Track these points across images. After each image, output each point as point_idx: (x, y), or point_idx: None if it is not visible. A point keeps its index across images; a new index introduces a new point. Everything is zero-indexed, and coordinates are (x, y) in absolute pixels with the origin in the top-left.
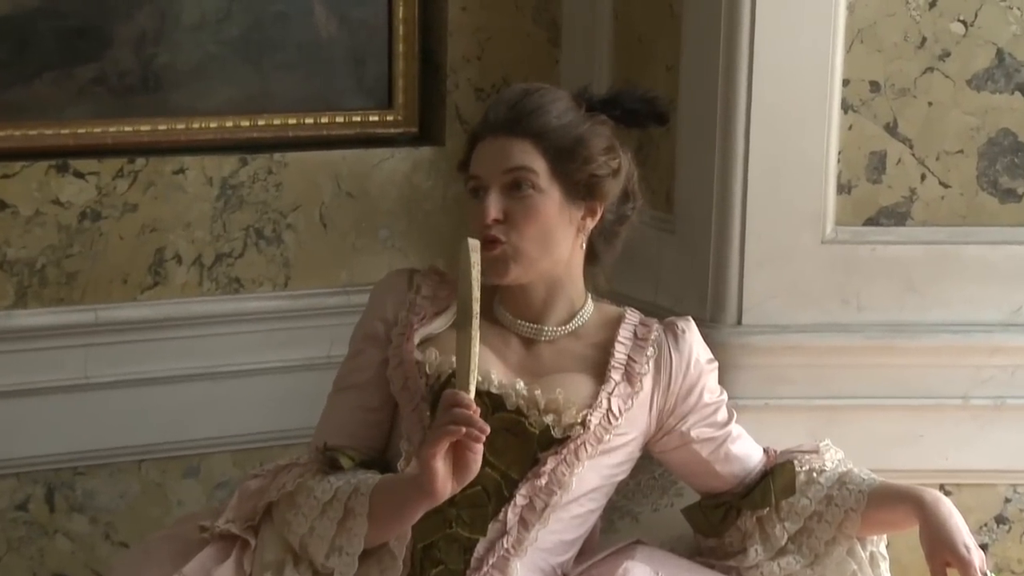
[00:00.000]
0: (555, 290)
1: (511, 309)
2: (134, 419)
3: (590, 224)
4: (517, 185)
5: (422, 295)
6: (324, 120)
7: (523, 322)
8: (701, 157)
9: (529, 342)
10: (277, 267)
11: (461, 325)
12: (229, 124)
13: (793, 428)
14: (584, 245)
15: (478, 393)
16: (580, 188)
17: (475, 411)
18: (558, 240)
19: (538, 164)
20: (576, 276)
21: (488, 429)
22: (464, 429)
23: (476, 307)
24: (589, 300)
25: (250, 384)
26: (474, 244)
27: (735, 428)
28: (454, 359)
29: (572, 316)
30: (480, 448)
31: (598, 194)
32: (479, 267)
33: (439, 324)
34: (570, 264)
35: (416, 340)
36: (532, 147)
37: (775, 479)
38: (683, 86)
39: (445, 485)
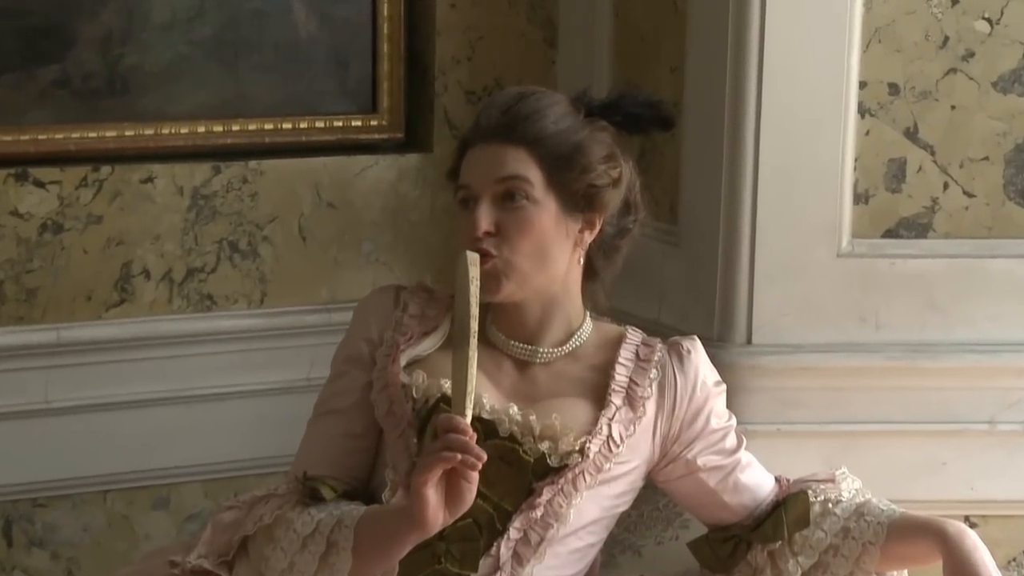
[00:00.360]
0: (551, 308)
1: (504, 329)
2: (98, 446)
3: (588, 237)
4: (510, 195)
5: (409, 313)
6: (303, 125)
7: (517, 343)
8: (708, 165)
9: (523, 364)
10: (253, 283)
11: (458, 344)
12: (201, 130)
13: (807, 455)
14: (582, 260)
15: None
16: (578, 199)
17: (471, 436)
18: (554, 254)
19: (533, 173)
20: (574, 293)
21: (485, 456)
22: (459, 456)
23: (474, 325)
24: (588, 319)
25: (224, 409)
26: (473, 257)
27: (745, 455)
28: (443, 382)
29: (569, 336)
30: (476, 477)
31: (597, 205)
32: (478, 282)
33: (427, 345)
34: (567, 280)
35: (402, 362)
36: (526, 155)
37: (788, 510)
38: (688, 88)
39: (436, 516)
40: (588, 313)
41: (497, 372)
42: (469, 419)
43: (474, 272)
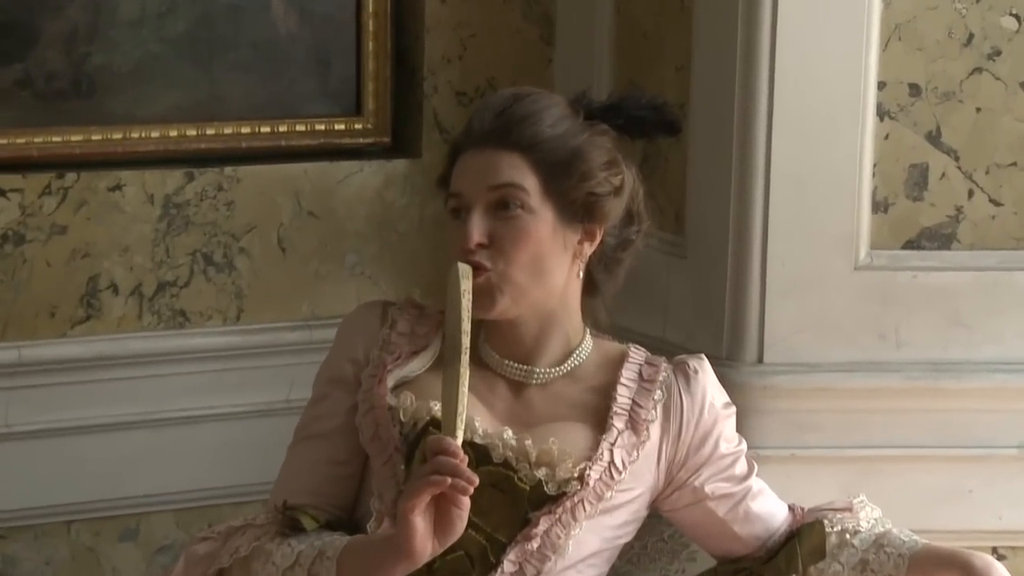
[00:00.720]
0: (548, 325)
1: (498, 348)
2: (62, 473)
3: (588, 249)
4: (504, 204)
5: (397, 331)
6: (283, 129)
7: (511, 363)
8: (716, 171)
9: (518, 386)
10: (228, 298)
11: (449, 361)
12: (173, 134)
13: (823, 482)
14: (581, 273)
15: (461, 443)
16: (577, 208)
17: (463, 459)
18: (551, 267)
19: (528, 180)
20: (572, 309)
21: (477, 480)
22: (449, 480)
23: (466, 341)
24: (587, 336)
25: (197, 433)
26: (465, 270)
27: (756, 483)
28: (432, 405)
29: (568, 355)
30: (467, 503)
31: (597, 215)
32: (470, 296)
33: (417, 365)
34: (565, 295)
35: (390, 383)
36: (522, 161)
37: (802, 541)
38: (695, 90)
39: (425, 545)
40: (588, 330)
41: (490, 394)
42: (460, 441)
43: (466, 285)
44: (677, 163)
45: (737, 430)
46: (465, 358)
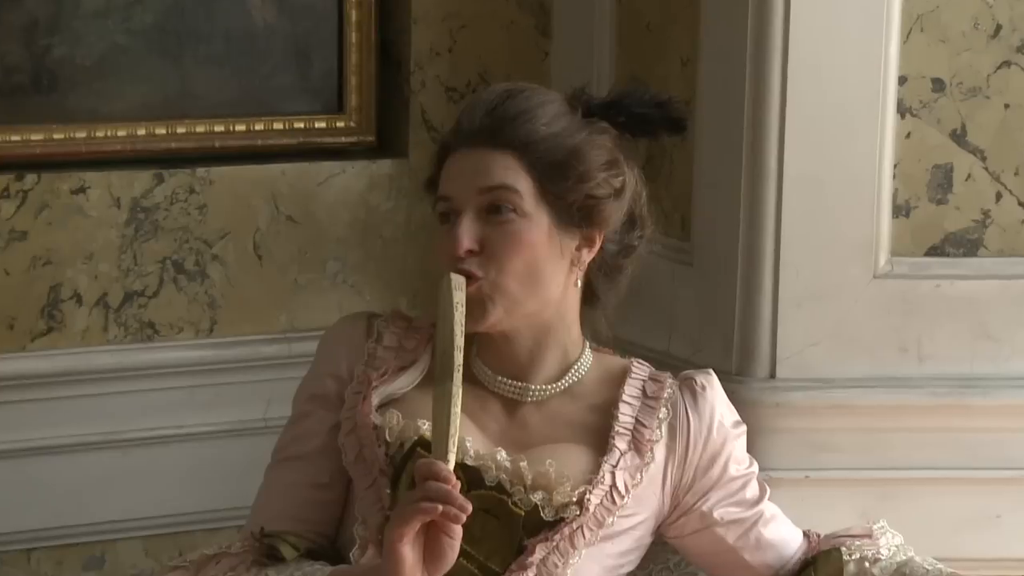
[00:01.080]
0: (544, 339)
1: (491, 364)
2: (22, 498)
3: (587, 256)
4: (496, 208)
5: (383, 345)
6: (259, 127)
7: (505, 379)
8: (725, 172)
9: (513, 404)
10: (201, 309)
11: (440, 378)
12: (141, 132)
13: (840, 507)
14: (580, 282)
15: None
16: (574, 212)
17: (455, 485)
18: (547, 276)
19: (522, 183)
20: (571, 321)
21: (470, 508)
22: (440, 507)
23: (459, 356)
24: (587, 350)
25: (167, 454)
26: (458, 280)
27: (768, 507)
28: (420, 424)
29: (565, 370)
30: (459, 532)
31: (597, 219)
32: (463, 308)
33: (404, 382)
34: (563, 306)
35: (375, 401)
36: (515, 161)
37: (818, 570)
38: (702, 85)
39: None
40: (587, 344)
41: (482, 413)
42: (452, 465)
43: (459, 297)
44: (683, 164)
45: (748, 451)
46: (458, 376)
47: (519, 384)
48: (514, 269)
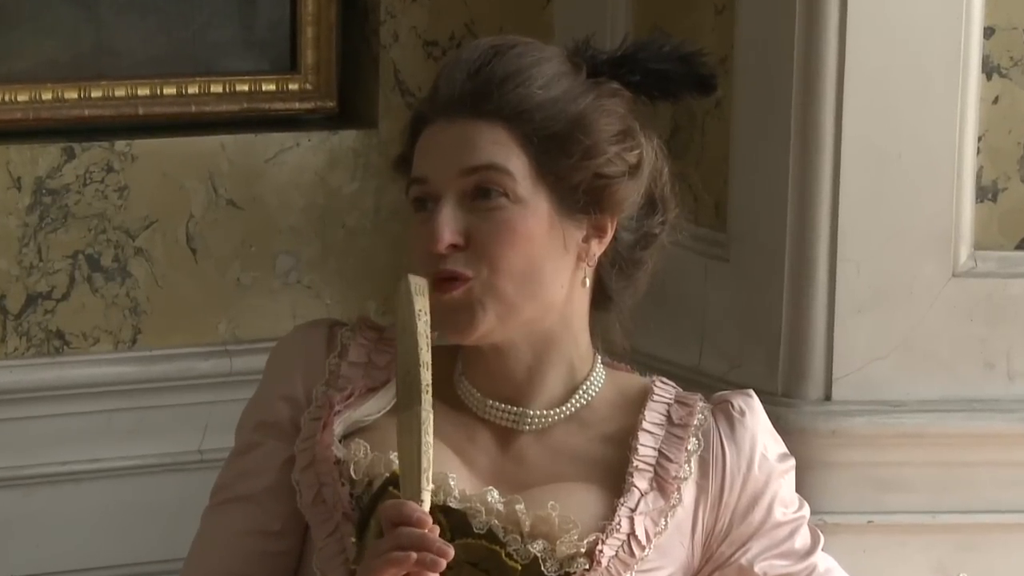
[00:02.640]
0: (546, 352)
1: (480, 384)
2: None
3: (596, 249)
4: (483, 192)
5: (348, 361)
6: (193, 90)
7: (498, 403)
8: (769, 147)
9: (507, 433)
10: (121, 315)
11: (404, 403)
12: (47, 97)
13: (912, 558)
14: (589, 281)
15: (431, 509)
16: (580, 195)
17: (432, 529)
18: (548, 275)
19: (515, 161)
20: (578, 330)
21: (452, 553)
22: (415, 555)
23: (426, 375)
24: (598, 366)
25: (79, 494)
26: (419, 283)
27: (823, 559)
28: (392, 457)
29: (572, 392)
30: None
31: (608, 204)
32: (427, 316)
33: (374, 406)
34: (568, 311)
35: (338, 429)
36: (505, 135)
37: None
38: (741, 39)
39: None
40: (599, 358)
41: (469, 445)
42: (427, 504)
43: (422, 303)
44: (717, 136)
45: (797, 490)
46: (427, 398)
47: (515, 410)
48: (508, 267)
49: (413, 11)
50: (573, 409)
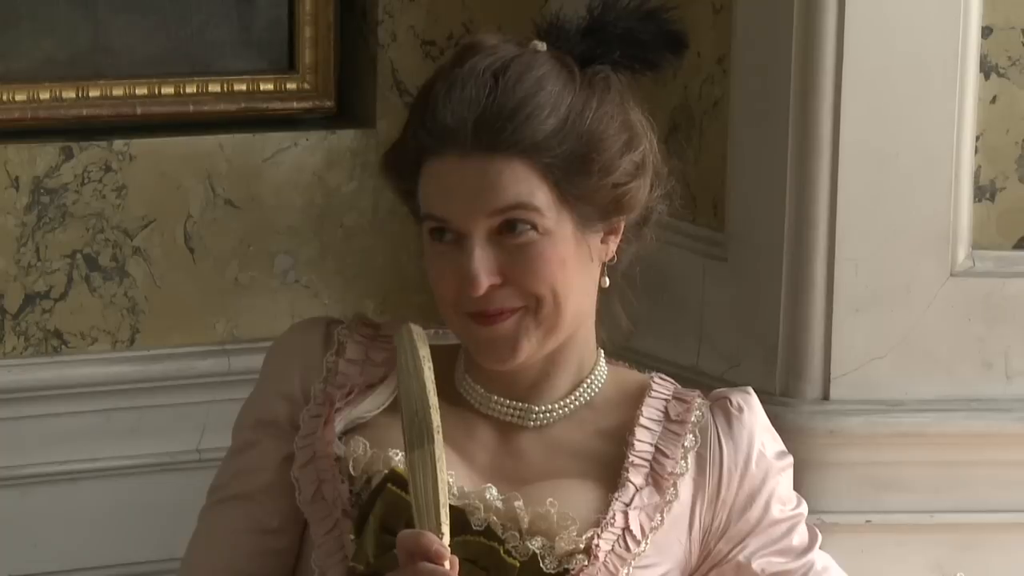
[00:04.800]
0: (561, 352)
1: (484, 381)
2: None
3: (613, 245)
4: (510, 226)
5: (346, 358)
6: (191, 89)
7: (503, 400)
8: (767, 145)
9: (507, 429)
10: (119, 314)
11: (415, 443)
12: (45, 96)
13: (910, 558)
14: (607, 280)
15: None
16: (598, 209)
17: (453, 565)
18: (579, 289)
19: (539, 195)
20: (589, 327)
21: None
22: None
23: (436, 417)
24: (602, 361)
25: (77, 493)
26: (419, 332)
27: (820, 558)
28: (391, 453)
29: (575, 387)
30: None
31: (626, 208)
32: (431, 362)
33: (371, 404)
34: (584, 308)
35: (338, 427)
36: (525, 169)
37: None
38: (738, 36)
39: None
40: (601, 353)
41: (469, 440)
42: (447, 539)
43: (425, 351)
44: (715, 135)
45: (795, 488)
46: (439, 438)
47: (520, 406)
48: (548, 296)
49: (411, 11)
50: (574, 405)
